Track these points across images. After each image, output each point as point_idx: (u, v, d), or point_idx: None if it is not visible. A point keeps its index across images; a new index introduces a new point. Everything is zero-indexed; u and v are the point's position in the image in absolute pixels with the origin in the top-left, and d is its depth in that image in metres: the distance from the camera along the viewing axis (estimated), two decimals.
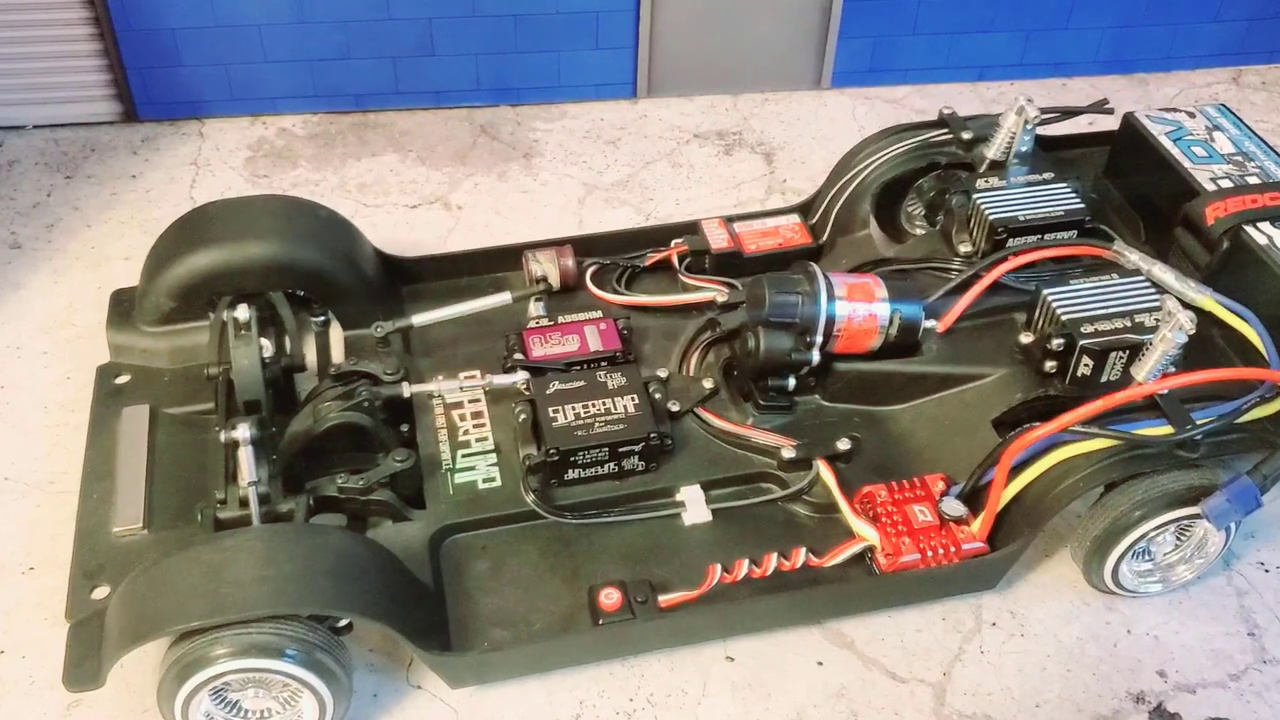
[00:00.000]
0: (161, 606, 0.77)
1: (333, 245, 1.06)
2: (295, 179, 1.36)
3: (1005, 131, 1.11)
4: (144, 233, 1.26)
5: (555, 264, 1.10)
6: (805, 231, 1.17)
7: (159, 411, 0.99)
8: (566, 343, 1.01)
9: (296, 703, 0.81)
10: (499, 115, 1.46)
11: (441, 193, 1.35)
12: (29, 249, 1.25)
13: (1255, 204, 1.02)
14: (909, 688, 0.89)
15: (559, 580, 0.89)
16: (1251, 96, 1.56)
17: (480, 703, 0.87)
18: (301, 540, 0.82)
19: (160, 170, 1.36)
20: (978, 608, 0.94)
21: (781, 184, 1.38)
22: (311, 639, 0.78)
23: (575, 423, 0.92)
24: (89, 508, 0.92)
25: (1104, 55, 1.56)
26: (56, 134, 1.40)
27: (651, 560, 0.91)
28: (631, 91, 1.49)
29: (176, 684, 0.77)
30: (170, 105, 1.41)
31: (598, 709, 0.87)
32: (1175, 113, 1.15)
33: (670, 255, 1.14)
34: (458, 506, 0.92)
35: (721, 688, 0.89)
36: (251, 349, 0.94)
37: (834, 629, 0.93)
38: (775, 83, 1.52)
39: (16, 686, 0.88)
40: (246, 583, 0.77)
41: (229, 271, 1.01)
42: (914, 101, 1.52)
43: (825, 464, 0.93)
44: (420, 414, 0.99)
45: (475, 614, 0.87)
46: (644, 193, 1.36)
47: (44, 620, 0.91)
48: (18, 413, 1.07)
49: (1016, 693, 0.89)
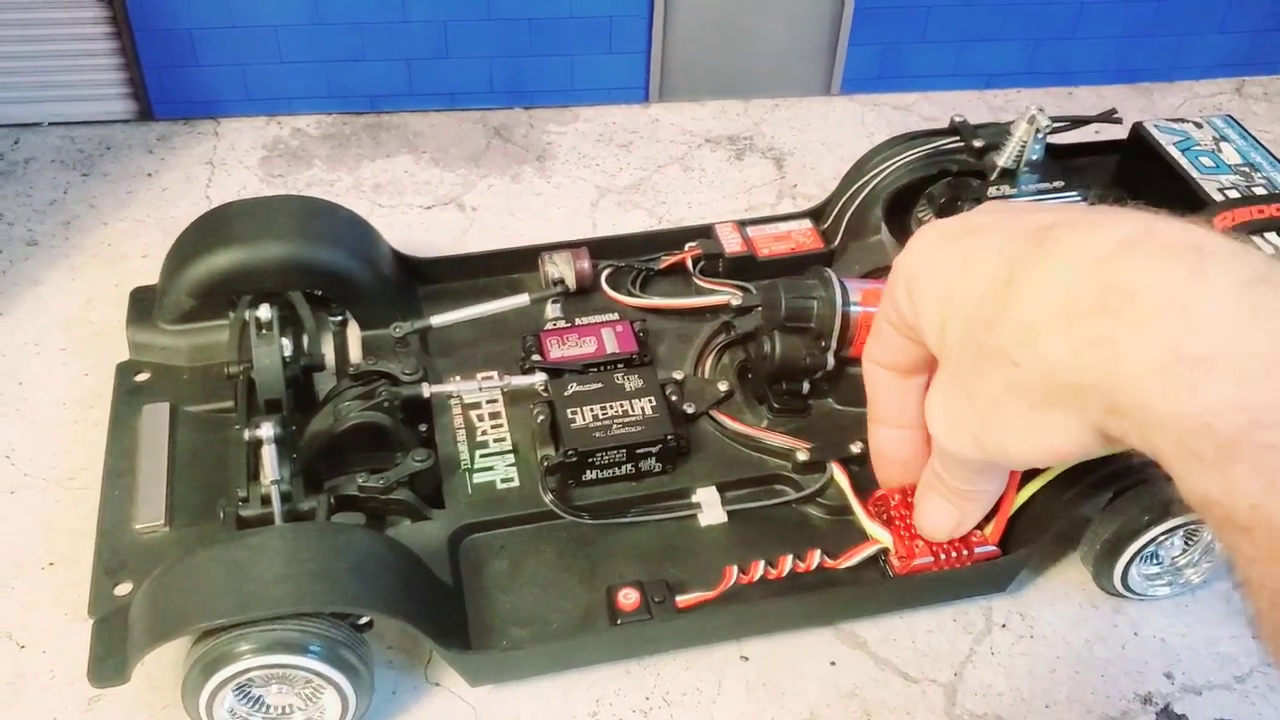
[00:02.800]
0: (187, 604, 0.78)
1: (352, 246, 1.07)
2: (310, 179, 1.37)
3: (1016, 140, 1.12)
4: (161, 231, 1.27)
5: (571, 266, 1.11)
6: (817, 236, 1.18)
7: (179, 409, 1.00)
8: (584, 344, 1.02)
9: (319, 698, 0.82)
10: (512, 118, 1.48)
11: (456, 194, 1.36)
12: (46, 246, 1.25)
13: (1262, 214, 1.03)
14: (921, 688, 0.91)
15: (576, 580, 0.90)
16: (1254, 107, 1.58)
17: (498, 700, 0.88)
18: (325, 539, 0.83)
19: (176, 169, 1.37)
20: (988, 610, 0.96)
21: (792, 189, 1.40)
22: (335, 635, 0.79)
23: (593, 424, 0.93)
24: (110, 505, 0.93)
25: (1110, 65, 1.58)
26: (72, 131, 1.41)
27: (668, 561, 0.92)
28: (644, 96, 1.50)
29: (201, 680, 0.78)
30: (186, 104, 1.42)
31: (614, 707, 0.88)
32: (1183, 123, 1.16)
33: (684, 259, 1.15)
34: (476, 506, 0.93)
35: (736, 687, 0.90)
36: (273, 348, 0.95)
37: (847, 630, 0.94)
38: (785, 89, 1.53)
39: (37, 680, 0.88)
40: (271, 581, 0.78)
41: (249, 271, 1.02)
42: (922, 108, 1.54)
43: (839, 467, 0.94)
44: (438, 414, 1.00)
45: (494, 613, 0.88)
46: (656, 196, 1.37)
47: (64, 616, 0.92)
48: (36, 409, 1.08)
49: (1026, 693, 0.91)
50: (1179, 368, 0.35)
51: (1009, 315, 0.42)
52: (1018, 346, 0.42)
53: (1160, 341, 0.36)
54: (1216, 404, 0.35)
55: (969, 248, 0.46)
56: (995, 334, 0.43)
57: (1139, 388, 0.36)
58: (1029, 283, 0.41)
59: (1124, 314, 0.37)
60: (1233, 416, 0.34)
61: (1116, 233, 0.39)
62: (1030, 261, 0.42)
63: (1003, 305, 0.42)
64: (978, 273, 0.44)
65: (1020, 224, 0.44)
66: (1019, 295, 0.41)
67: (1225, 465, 0.34)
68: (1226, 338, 0.35)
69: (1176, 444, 0.36)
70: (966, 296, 0.45)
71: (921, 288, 0.49)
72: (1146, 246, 0.38)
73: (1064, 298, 0.39)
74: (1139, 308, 0.37)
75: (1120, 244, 0.39)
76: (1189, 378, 0.35)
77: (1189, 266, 0.37)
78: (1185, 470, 0.36)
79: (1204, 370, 0.35)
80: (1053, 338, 0.40)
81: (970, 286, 0.45)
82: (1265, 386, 0.34)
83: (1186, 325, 0.36)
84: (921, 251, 0.50)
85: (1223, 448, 0.34)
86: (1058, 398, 0.41)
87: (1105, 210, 0.43)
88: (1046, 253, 0.41)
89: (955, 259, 0.46)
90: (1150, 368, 0.36)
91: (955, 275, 0.46)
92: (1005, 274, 0.42)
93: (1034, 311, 0.41)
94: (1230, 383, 0.34)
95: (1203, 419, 0.35)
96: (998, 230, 0.45)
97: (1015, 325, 0.42)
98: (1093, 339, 0.38)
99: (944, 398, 0.50)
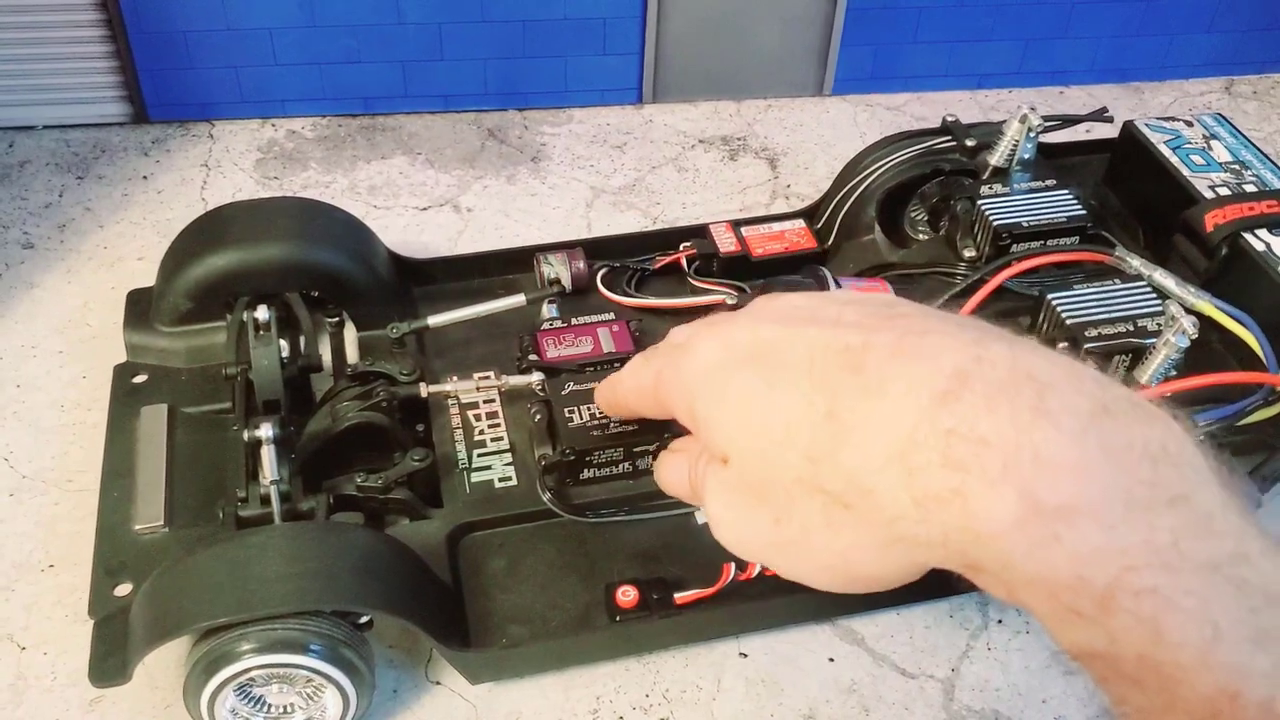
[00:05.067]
0: (189, 602, 0.78)
1: (349, 247, 1.07)
2: (305, 181, 1.37)
3: (1009, 139, 1.13)
4: (156, 233, 1.27)
5: (567, 266, 1.12)
6: (811, 236, 1.19)
7: (177, 411, 1.00)
8: (580, 344, 1.03)
9: (320, 697, 0.82)
10: (506, 119, 1.48)
11: (451, 195, 1.36)
12: (41, 249, 1.26)
13: (1253, 211, 1.04)
14: (919, 683, 0.91)
15: (575, 578, 0.91)
16: (1244, 105, 1.59)
17: (498, 698, 0.89)
18: (326, 537, 0.83)
19: (171, 171, 1.37)
20: (984, 606, 0.96)
21: (786, 189, 1.40)
22: (336, 634, 0.79)
23: (590, 423, 0.94)
24: (109, 506, 0.93)
25: (1100, 64, 1.59)
26: (67, 134, 1.41)
27: (665, 558, 0.92)
28: (637, 97, 1.51)
29: (203, 679, 0.78)
30: (181, 107, 1.42)
31: (614, 704, 0.89)
32: (1174, 121, 1.17)
33: (679, 258, 1.16)
34: (475, 505, 0.94)
35: (735, 683, 0.90)
36: (271, 349, 0.95)
37: (844, 626, 0.95)
38: (778, 89, 1.54)
39: (39, 682, 0.89)
40: (273, 579, 0.78)
41: (247, 272, 1.03)
42: (914, 108, 1.54)
43: None
44: (435, 414, 1.00)
45: (493, 611, 0.89)
46: (650, 197, 1.37)
47: (64, 617, 0.92)
48: (34, 411, 1.08)
49: (1023, 688, 0.91)
50: (1039, 520, 0.33)
51: (838, 457, 0.37)
52: (850, 492, 0.37)
53: (1017, 494, 0.33)
54: (1086, 554, 0.32)
55: (766, 371, 0.41)
56: (820, 474, 0.38)
57: (997, 546, 0.33)
58: (856, 425, 0.37)
59: (973, 465, 0.34)
60: (1105, 565, 0.32)
61: (945, 364, 0.36)
62: (851, 395, 0.37)
63: (827, 443, 0.38)
64: (785, 398, 0.40)
65: (824, 342, 0.40)
66: (846, 437, 0.37)
67: (1105, 618, 0.32)
68: (1083, 482, 0.33)
69: (1049, 600, 0.33)
70: (772, 422, 0.40)
71: (707, 410, 0.44)
72: (981, 382, 0.35)
73: (901, 445, 0.35)
74: (988, 458, 0.33)
75: (951, 379, 0.35)
76: (1053, 530, 0.32)
77: (1029, 404, 0.34)
78: (1061, 625, 0.33)
79: (1065, 520, 0.32)
80: (892, 489, 0.36)
81: (778, 412, 0.40)
82: (1131, 527, 0.32)
83: (1041, 473, 0.33)
84: (705, 372, 0.44)
85: (1099, 600, 0.32)
86: (898, 543, 0.37)
87: (915, 324, 0.39)
88: (871, 388, 0.37)
89: (752, 384, 0.41)
90: (1007, 524, 0.33)
91: (753, 403, 0.41)
92: (824, 405, 0.38)
93: (867, 458, 0.36)
94: (1096, 529, 0.32)
95: (1074, 572, 0.32)
96: (799, 349, 0.40)
97: (846, 470, 0.37)
98: (938, 493, 0.34)
99: (736, 513, 0.45)
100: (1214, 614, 0.31)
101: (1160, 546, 0.32)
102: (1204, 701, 0.31)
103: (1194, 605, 0.31)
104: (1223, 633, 0.31)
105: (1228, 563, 0.32)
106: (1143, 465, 0.33)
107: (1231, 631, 0.31)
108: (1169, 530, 0.32)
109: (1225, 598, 0.32)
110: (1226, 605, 0.31)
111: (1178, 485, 0.33)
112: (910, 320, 0.40)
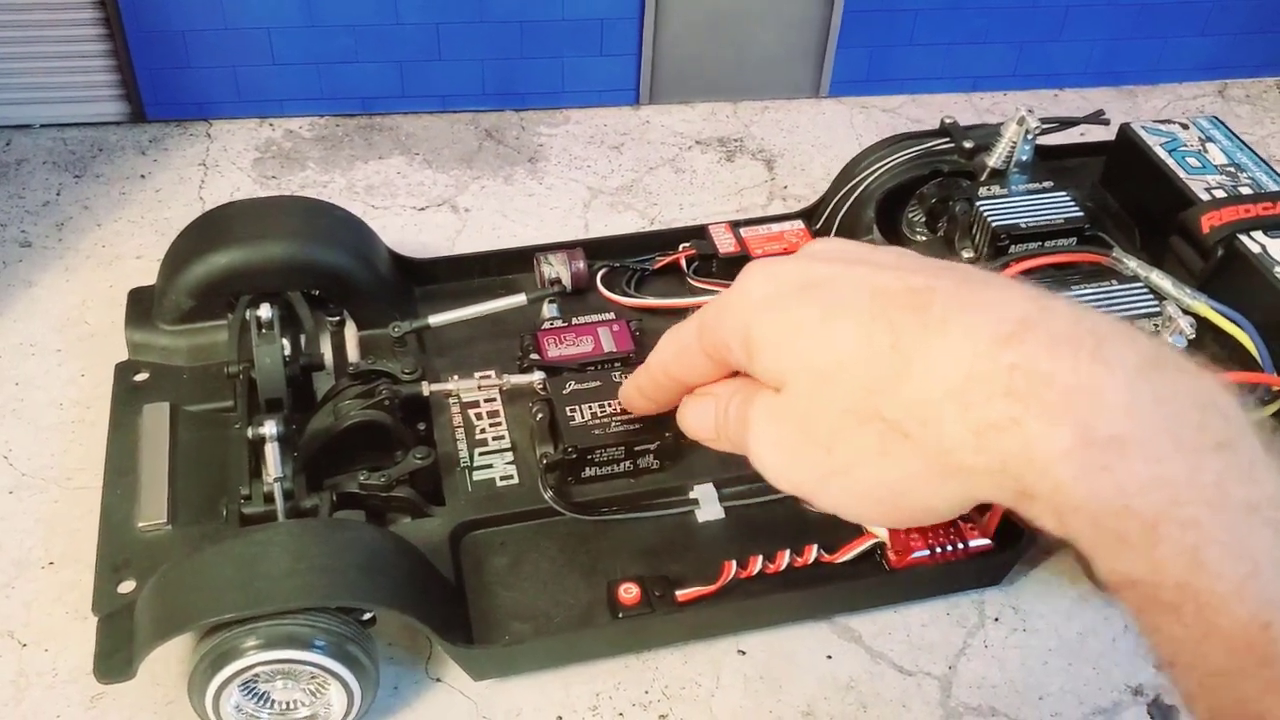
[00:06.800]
0: (195, 599, 0.79)
1: (350, 246, 1.07)
2: (303, 180, 1.37)
3: (1006, 141, 1.14)
4: (155, 232, 1.27)
5: (567, 266, 1.12)
6: (810, 237, 1.20)
7: (179, 409, 1.01)
8: (581, 344, 1.03)
9: (324, 693, 0.83)
10: (504, 120, 1.48)
11: (448, 195, 1.37)
12: (39, 247, 1.26)
13: (1248, 213, 1.05)
14: (916, 680, 0.92)
15: (577, 575, 0.91)
16: (1236, 109, 1.61)
17: (498, 695, 0.89)
18: (331, 534, 0.84)
19: (169, 170, 1.37)
20: (981, 603, 0.97)
21: (783, 190, 1.41)
22: (341, 630, 0.80)
23: (592, 422, 0.94)
24: (112, 503, 0.93)
25: (1094, 67, 1.60)
26: (64, 133, 1.41)
27: (666, 556, 0.93)
28: (634, 98, 1.51)
29: (208, 676, 0.79)
30: (178, 106, 1.42)
31: (614, 701, 0.89)
32: (1169, 124, 1.18)
33: (678, 259, 1.16)
34: (476, 503, 0.94)
35: (734, 680, 0.91)
36: (274, 348, 0.95)
37: (842, 623, 0.95)
38: (775, 91, 1.55)
39: (40, 679, 0.89)
40: (278, 576, 0.79)
41: (249, 271, 1.03)
42: (910, 110, 1.55)
43: None
44: (437, 413, 1.00)
45: (496, 608, 0.89)
46: (648, 197, 1.38)
47: (66, 614, 0.92)
48: (34, 410, 1.08)
49: (1020, 685, 0.92)
50: (1092, 450, 0.35)
51: (898, 388, 0.39)
52: (908, 421, 0.39)
53: (1073, 424, 0.35)
54: (1133, 484, 0.34)
55: (825, 302, 0.42)
56: (879, 405, 0.40)
57: (1051, 472, 0.36)
58: (917, 358, 0.39)
59: (1032, 397, 0.36)
60: (1152, 495, 0.34)
61: (1009, 312, 0.38)
62: (916, 333, 0.39)
63: (888, 375, 0.39)
64: (843, 331, 0.41)
65: (884, 281, 0.41)
66: (908, 369, 0.39)
67: (1149, 547, 0.34)
68: (1135, 420, 0.35)
69: (1095, 527, 0.35)
70: (829, 352, 0.41)
71: (763, 338, 0.45)
72: (1045, 329, 0.37)
73: (963, 379, 0.37)
74: (1050, 390, 0.36)
75: (1016, 324, 0.37)
76: (1105, 460, 0.35)
77: (1089, 352, 0.36)
78: (1106, 553, 0.35)
79: (1117, 451, 0.35)
80: (951, 419, 0.38)
81: (836, 342, 0.41)
82: (1178, 465, 0.34)
83: (1097, 409, 0.35)
84: (761, 301, 0.45)
85: (1145, 529, 0.34)
86: (953, 474, 0.39)
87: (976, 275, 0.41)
88: (933, 325, 0.39)
89: (810, 313, 0.42)
90: (1062, 451, 0.35)
91: (811, 331, 0.42)
92: (885, 339, 0.40)
93: (928, 390, 0.38)
94: (1145, 462, 0.34)
95: (1121, 500, 0.34)
96: (857, 285, 0.42)
97: (905, 401, 0.39)
98: (997, 422, 0.36)
99: (785, 442, 0.46)
100: (1252, 550, 0.33)
101: (1205, 485, 0.34)
102: (1238, 630, 0.33)
103: (1234, 540, 0.33)
104: (1260, 568, 0.33)
105: (1267, 505, 0.34)
106: (1191, 412, 0.36)
107: (1268, 568, 0.33)
108: (1214, 471, 0.34)
109: (1263, 538, 0.34)
110: (1264, 544, 0.34)
111: (1223, 433, 0.35)
112: (969, 271, 0.42)
